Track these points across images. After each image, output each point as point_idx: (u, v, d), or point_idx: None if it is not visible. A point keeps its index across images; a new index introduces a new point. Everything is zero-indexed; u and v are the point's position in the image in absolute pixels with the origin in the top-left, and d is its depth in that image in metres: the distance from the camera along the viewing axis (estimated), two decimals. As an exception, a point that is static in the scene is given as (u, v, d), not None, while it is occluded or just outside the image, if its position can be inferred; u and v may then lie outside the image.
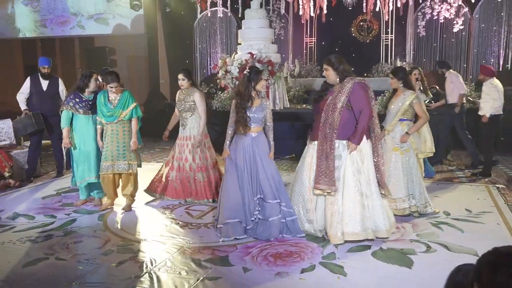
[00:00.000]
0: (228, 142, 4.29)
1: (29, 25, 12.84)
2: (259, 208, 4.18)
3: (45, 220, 4.81)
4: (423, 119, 4.79)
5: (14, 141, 7.05)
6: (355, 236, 3.91)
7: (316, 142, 4.06)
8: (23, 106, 6.56)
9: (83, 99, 5.15)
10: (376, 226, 3.97)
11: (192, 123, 5.38)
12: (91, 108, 5.15)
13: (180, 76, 5.34)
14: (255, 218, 4.19)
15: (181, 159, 5.41)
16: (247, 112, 4.11)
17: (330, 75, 4.04)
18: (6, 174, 6.20)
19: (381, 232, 3.98)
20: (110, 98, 4.96)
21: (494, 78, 6.58)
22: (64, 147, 5.36)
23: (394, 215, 4.36)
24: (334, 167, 3.91)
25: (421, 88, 6.39)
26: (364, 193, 3.95)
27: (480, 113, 6.58)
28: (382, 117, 4.83)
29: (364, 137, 4.01)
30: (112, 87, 4.92)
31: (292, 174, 6.88)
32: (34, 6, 12.66)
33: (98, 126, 5.05)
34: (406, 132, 4.69)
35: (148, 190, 5.55)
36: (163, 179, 5.50)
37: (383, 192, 4.11)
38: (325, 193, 3.96)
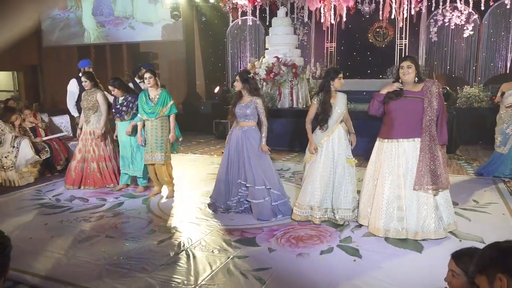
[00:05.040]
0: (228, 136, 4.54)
1: (92, 26, 13.71)
2: (241, 192, 4.33)
3: (97, 203, 4.93)
4: (350, 119, 4.23)
5: (71, 134, 7.25)
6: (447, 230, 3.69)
7: (401, 140, 3.69)
8: (76, 113, 6.14)
9: (116, 105, 5.24)
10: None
11: (94, 119, 5.44)
12: (122, 115, 5.18)
13: (83, 79, 5.44)
14: (238, 201, 4.37)
15: (86, 151, 5.50)
16: (236, 108, 4.31)
17: (412, 72, 3.65)
18: (58, 168, 6.36)
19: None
20: (150, 97, 4.94)
21: None
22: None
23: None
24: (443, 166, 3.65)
25: None
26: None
27: None
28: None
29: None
30: (146, 77, 4.88)
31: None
32: (97, 12, 13.70)
33: (139, 123, 5.03)
34: (353, 133, 4.20)
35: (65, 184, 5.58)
36: (69, 170, 5.59)
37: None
38: (436, 192, 3.64)
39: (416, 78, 3.68)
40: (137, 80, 7.39)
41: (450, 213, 3.76)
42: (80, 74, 6.36)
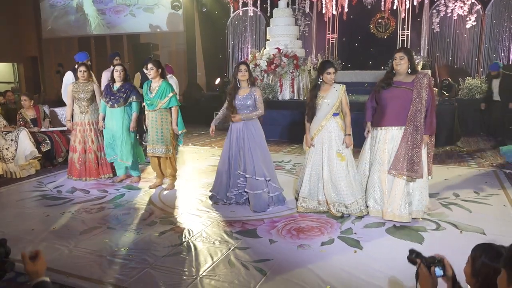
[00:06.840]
0: (214, 120, 4.53)
1: (92, 13, 13.65)
2: (240, 184, 4.33)
3: (99, 194, 4.94)
4: (349, 114, 4.06)
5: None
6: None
7: (390, 128, 3.87)
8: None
9: (111, 92, 5.19)
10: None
11: (91, 110, 5.48)
12: (118, 100, 5.13)
13: (83, 68, 5.45)
14: (237, 193, 4.37)
15: (85, 142, 5.48)
16: (235, 100, 4.26)
17: (404, 63, 3.80)
18: (59, 160, 6.35)
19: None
20: (151, 88, 4.89)
21: (172, 75, 7.94)
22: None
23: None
24: (422, 156, 3.80)
25: None
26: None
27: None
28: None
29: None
30: (148, 68, 4.90)
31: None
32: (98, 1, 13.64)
33: (146, 112, 5.07)
34: (348, 134, 4.03)
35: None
36: (73, 163, 5.55)
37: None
38: (410, 179, 3.82)
39: (409, 70, 3.85)
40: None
41: (421, 200, 3.95)
42: (76, 66, 6.33)
